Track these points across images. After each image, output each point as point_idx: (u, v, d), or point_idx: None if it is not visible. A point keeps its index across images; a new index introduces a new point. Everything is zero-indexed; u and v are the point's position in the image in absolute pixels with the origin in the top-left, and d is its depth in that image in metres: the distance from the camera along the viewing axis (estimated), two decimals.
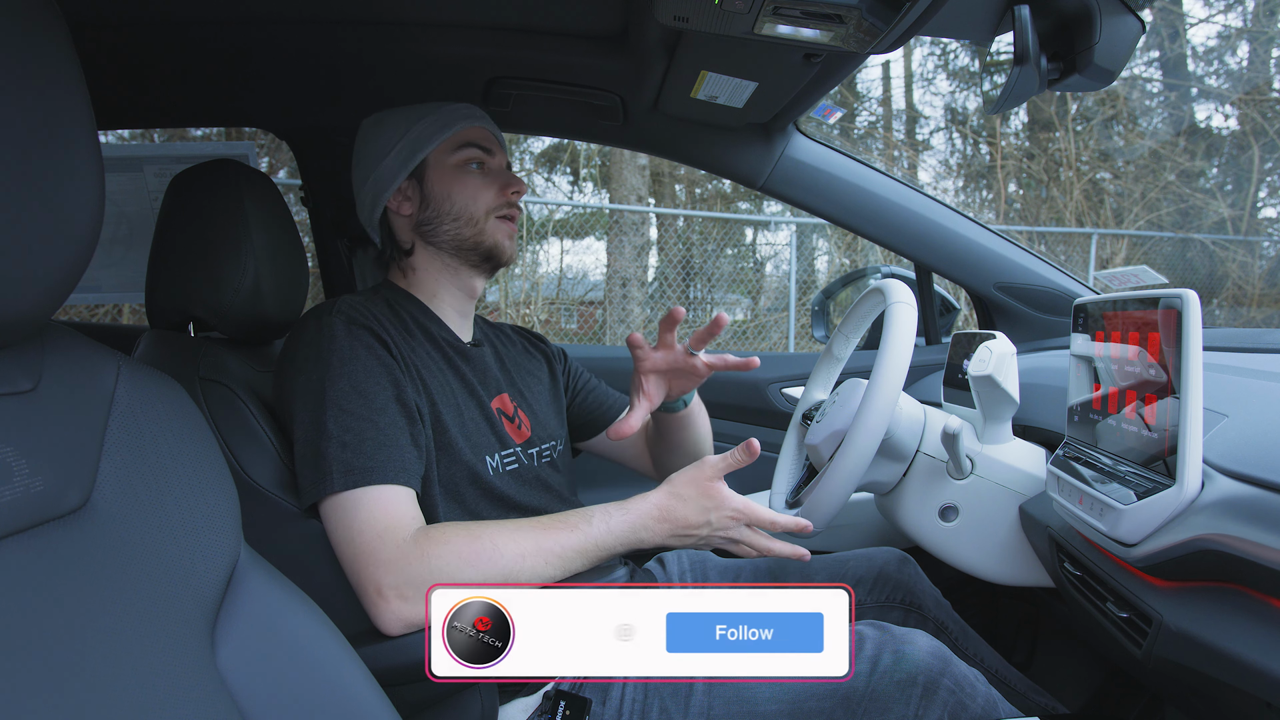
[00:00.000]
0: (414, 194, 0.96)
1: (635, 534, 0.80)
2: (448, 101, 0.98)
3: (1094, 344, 0.79)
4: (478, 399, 0.93)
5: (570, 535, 0.79)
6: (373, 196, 0.97)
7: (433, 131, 0.95)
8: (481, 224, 0.96)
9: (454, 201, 0.95)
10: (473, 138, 0.97)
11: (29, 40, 0.41)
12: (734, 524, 0.82)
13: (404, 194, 0.96)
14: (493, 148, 0.98)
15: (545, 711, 0.83)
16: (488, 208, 0.96)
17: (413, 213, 0.96)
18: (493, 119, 1.02)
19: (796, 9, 0.79)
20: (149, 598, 0.45)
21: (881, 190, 1.38)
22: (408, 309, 0.95)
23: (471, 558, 0.74)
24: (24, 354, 0.45)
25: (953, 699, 0.78)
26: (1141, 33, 0.76)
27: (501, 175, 0.98)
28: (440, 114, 0.96)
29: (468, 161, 0.96)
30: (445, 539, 0.74)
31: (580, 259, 7.19)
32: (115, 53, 1.10)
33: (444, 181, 0.95)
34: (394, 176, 0.96)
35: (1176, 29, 6.90)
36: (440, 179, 0.95)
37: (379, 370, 0.81)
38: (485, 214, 0.96)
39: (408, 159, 0.95)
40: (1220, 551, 0.56)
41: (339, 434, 0.77)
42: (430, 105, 0.98)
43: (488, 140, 0.98)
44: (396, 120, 0.97)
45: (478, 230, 0.96)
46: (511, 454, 0.93)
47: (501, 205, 0.97)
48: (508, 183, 0.97)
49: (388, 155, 0.96)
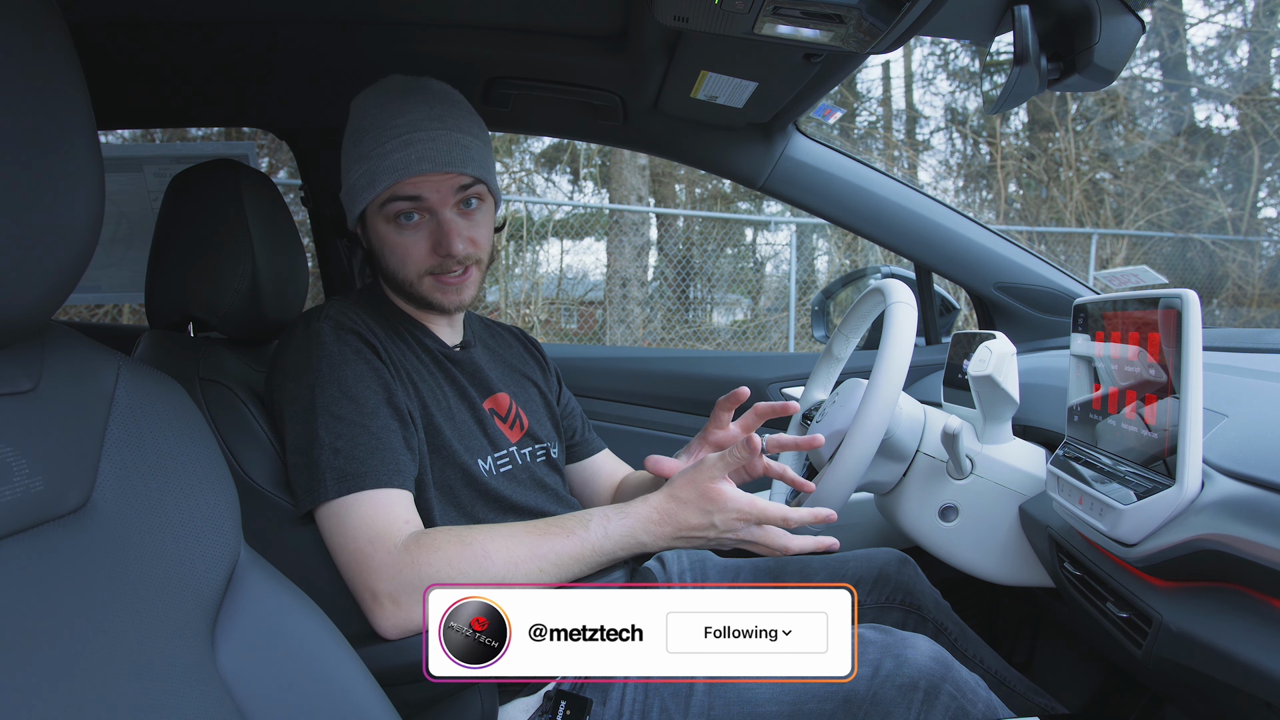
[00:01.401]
0: (363, 234, 0.93)
1: (634, 537, 0.79)
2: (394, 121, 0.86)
3: (1094, 344, 0.79)
4: (469, 401, 0.93)
5: (566, 541, 0.77)
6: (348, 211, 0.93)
7: (362, 186, 0.87)
8: (416, 283, 0.89)
9: (386, 261, 0.90)
10: (400, 191, 0.85)
11: (29, 40, 0.41)
12: (743, 525, 0.78)
13: (360, 233, 0.93)
14: (422, 195, 0.85)
15: (546, 711, 0.83)
16: (418, 271, 0.88)
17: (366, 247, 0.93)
18: (493, 119, 1.00)
19: (796, 9, 0.79)
20: (149, 598, 0.45)
21: (881, 190, 1.38)
22: (395, 314, 0.94)
23: (463, 566, 0.73)
24: (24, 354, 0.45)
25: (954, 704, 0.78)
26: (1141, 33, 0.76)
27: (434, 232, 0.87)
28: (371, 161, 0.86)
29: (397, 215, 0.86)
30: (436, 546, 0.74)
31: (580, 259, 7.20)
32: (115, 53, 1.10)
33: (377, 238, 0.89)
34: (348, 216, 0.92)
35: (1176, 29, 6.90)
36: (375, 234, 0.90)
37: (369, 374, 0.81)
38: (418, 276, 0.89)
39: (351, 207, 0.91)
40: (1220, 551, 0.56)
41: (331, 440, 0.77)
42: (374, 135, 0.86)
43: (420, 188, 0.85)
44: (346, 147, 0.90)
45: (416, 291, 0.90)
46: (505, 455, 0.93)
47: (432, 265, 0.88)
48: (438, 241, 0.87)
49: (342, 190, 0.92)
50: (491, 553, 0.74)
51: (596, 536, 0.78)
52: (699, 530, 0.79)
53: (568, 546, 0.77)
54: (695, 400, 1.56)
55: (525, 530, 0.78)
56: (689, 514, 0.79)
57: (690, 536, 0.79)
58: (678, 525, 0.79)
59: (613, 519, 0.79)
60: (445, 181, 0.87)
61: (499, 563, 0.74)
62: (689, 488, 0.79)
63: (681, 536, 0.79)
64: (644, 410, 1.58)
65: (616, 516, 0.79)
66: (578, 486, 1.13)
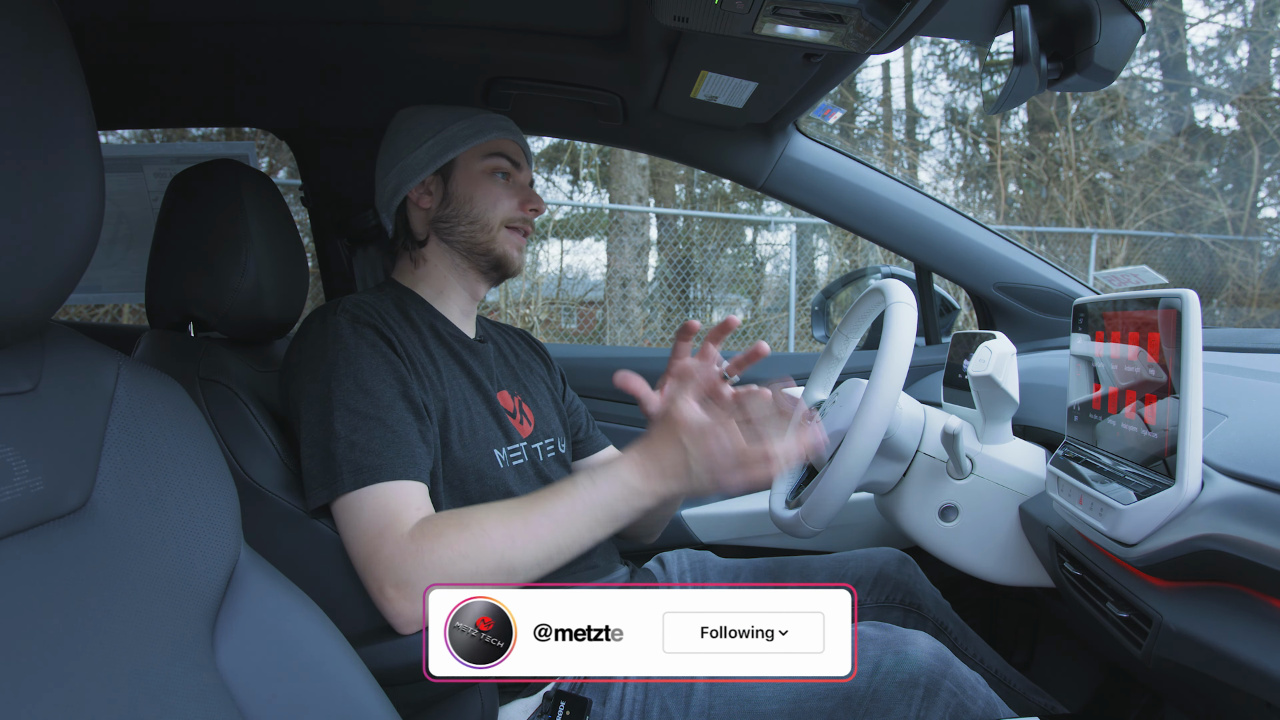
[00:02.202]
0: (437, 189, 0.98)
1: (622, 482, 0.77)
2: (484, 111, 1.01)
3: (1094, 344, 0.79)
4: (485, 393, 0.93)
5: (556, 501, 0.77)
6: (395, 184, 0.98)
7: (467, 134, 0.98)
8: (495, 231, 0.98)
9: (474, 204, 0.97)
10: (504, 149, 0.99)
11: (29, 40, 0.41)
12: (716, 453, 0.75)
13: (427, 188, 0.98)
14: (520, 162, 1.01)
15: (545, 712, 0.83)
16: (504, 217, 0.98)
17: (431, 207, 0.98)
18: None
19: (796, 9, 0.79)
20: (149, 598, 0.45)
21: (881, 190, 1.38)
22: (414, 306, 0.95)
23: (464, 547, 0.73)
24: (24, 354, 0.45)
25: (954, 701, 0.78)
26: (1141, 33, 0.76)
27: (524, 190, 1.01)
28: (476, 119, 0.99)
29: (495, 170, 0.98)
30: (438, 533, 0.74)
31: (580, 259, 7.19)
32: (115, 53, 1.10)
33: (468, 183, 0.97)
34: (421, 169, 0.97)
35: (1176, 29, 6.90)
36: (465, 180, 0.97)
37: (384, 368, 0.81)
38: (500, 223, 0.98)
39: (438, 155, 0.97)
40: (1220, 551, 0.56)
41: (347, 434, 0.77)
42: (467, 109, 1.00)
43: (517, 154, 1.01)
44: (432, 116, 0.99)
45: (490, 237, 0.98)
46: (518, 449, 0.94)
47: (517, 218, 0.99)
48: (528, 198, 1.00)
49: (418, 148, 0.97)
50: (489, 528, 0.74)
51: (584, 489, 0.77)
52: (679, 464, 0.77)
53: (559, 505, 0.76)
54: None
55: (518, 502, 0.78)
56: (664, 448, 0.77)
57: (675, 473, 0.77)
58: (659, 463, 0.77)
59: (599, 472, 0.79)
60: (528, 165, 1.04)
61: (497, 537, 0.74)
62: (658, 423, 0.79)
63: (666, 474, 0.77)
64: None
65: (602, 470, 0.79)
66: None
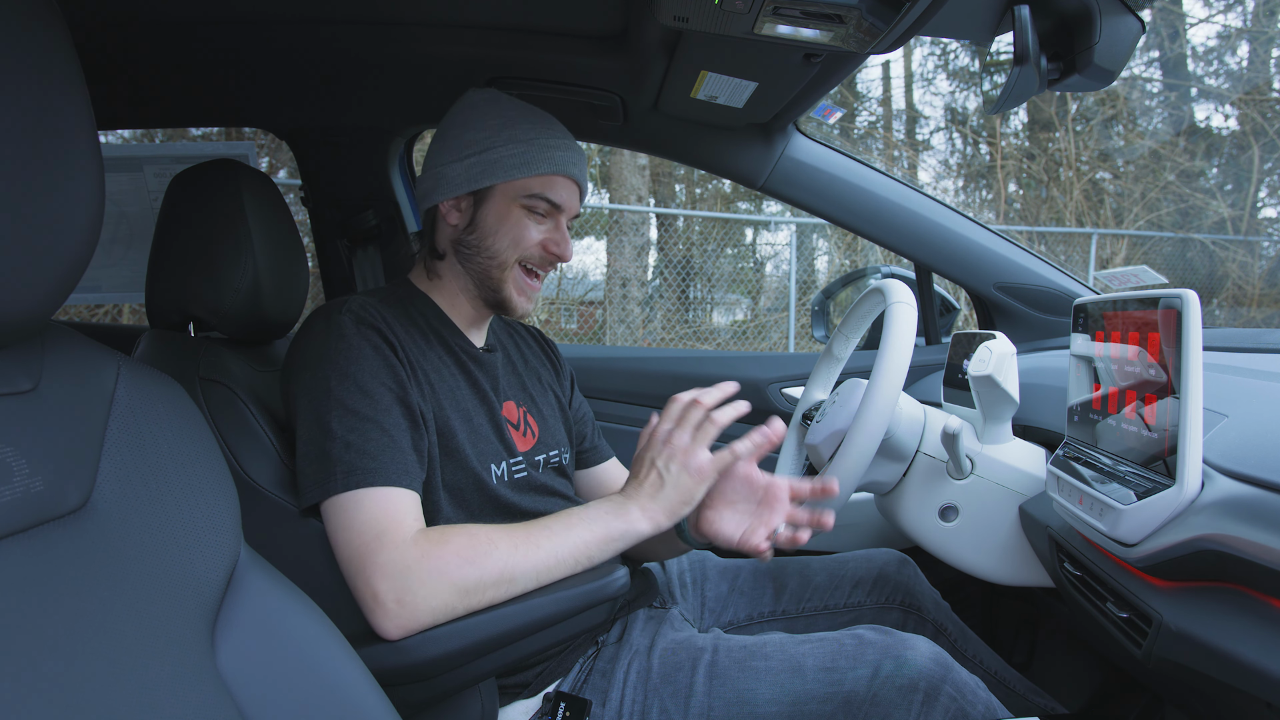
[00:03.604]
0: (467, 210, 0.92)
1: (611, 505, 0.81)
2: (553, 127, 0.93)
3: (1094, 344, 0.79)
4: (488, 405, 0.92)
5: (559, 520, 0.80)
6: (430, 187, 0.93)
7: (513, 164, 0.90)
8: (507, 270, 0.92)
9: (497, 240, 0.91)
10: (549, 190, 0.91)
11: (29, 40, 0.41)
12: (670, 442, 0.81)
13: (457, 204, 0.92)
14: (564, 203, 0.93)
15: (545, 713, 0.83)
16: (519, 254, 0.91)
17: (458, 225, 0.93)
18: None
19: (796, 9, 0.79)
20: (149, 598, 0.45)
21: (881, 190, 1.38)
22: (423, 312, 0.93)
23: (470, 554, 0.73)
24: (24, 354, 0.45)
25: (954, 706, 0.78)
26: (1141, 33, 0.76)
27: (554, 232, 0.93)
28: (530, 146, 0.90)
29: (531, 209, 0.91)
30: (445, 539, 0.74)
31: (580, 259, 7.19)
32: (115, 53, 1.10)
33: (498, 216, 0.91)
34: (455, 186, 0.91)
35: (1176, 29, 6.90)
36: (496, 212, 0.91)
37: (385, 371, 0.81)
38: (514, 260, 0.92)
39: (476, 177, 0.90)
40: (1220, 551, 0.56)
41: (343, 434, 0.77)
42: (528, 125, 0.91)
43: (565, 194, 0.93)
44: (487, 124, 0.91)
45: (502, 276, 0.92)
46: (519, 462, 0.93)
47: (535, 258, 0.92)
48: (554, 240, 0.93)
49: (460, 160, 0.91)
50: (494, 537, 0.76)
51: (579, 509, 0.81)
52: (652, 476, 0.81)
53: (554, 518, 0.80)
54: None
55: (524, 526, 0.79)
56: (638, 468, 0.83)
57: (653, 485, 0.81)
58: (637, 480, 0.82)
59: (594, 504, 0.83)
60: (576, 194, 0.96)
61: (502, 546, 0.75)
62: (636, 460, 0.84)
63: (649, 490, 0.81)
64: (644, 410, 1.58)
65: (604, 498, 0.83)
66: (585, 493, 1.13)
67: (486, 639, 0.74)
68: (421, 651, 0.72)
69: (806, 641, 0.84)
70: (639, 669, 0.84)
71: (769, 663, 0.82)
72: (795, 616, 1.07)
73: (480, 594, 0.73)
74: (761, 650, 0.84)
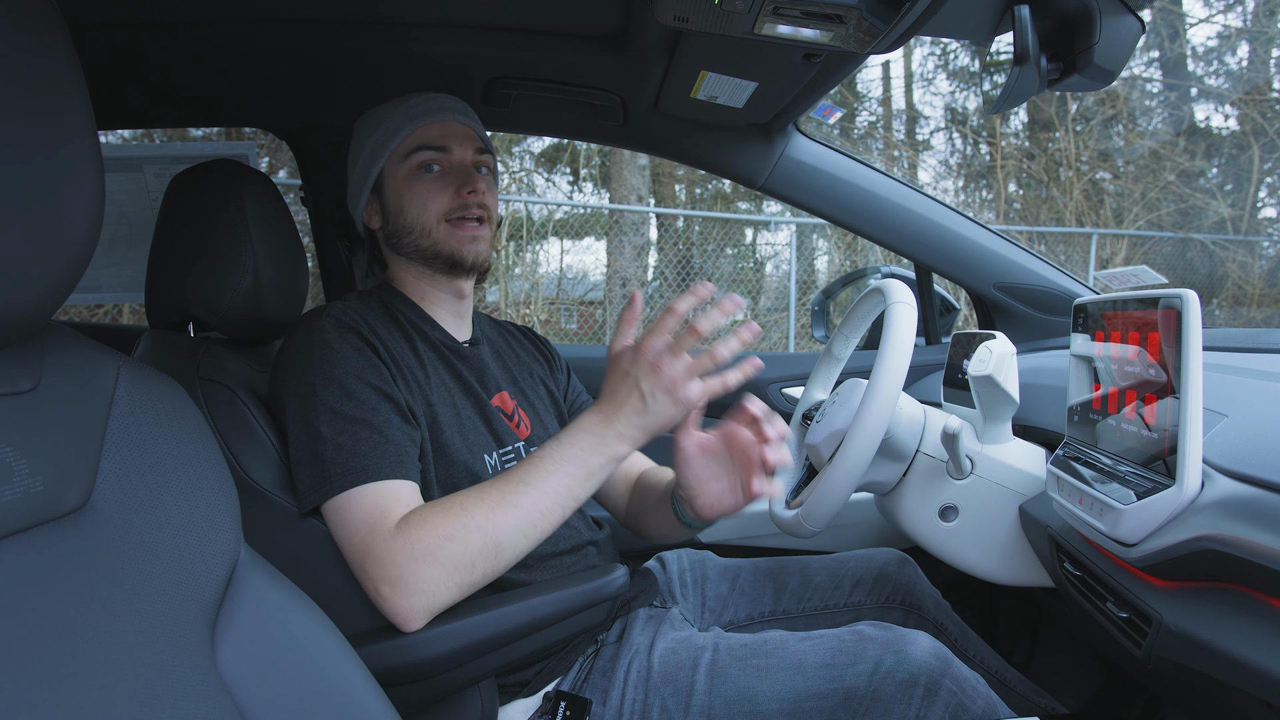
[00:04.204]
0: (377, 207, 0.96)
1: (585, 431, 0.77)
2: (410, 95, 0.94)
3: (1094, 344, 0.79)
4: (475, 398, 0.93)
5: (524, 466, 0.77)
6: (353, 212, 0.99)
7: (384, 140, 0.92)
8: (434, 232, 0.92)
9: (406, 214, 0.92)
10: (423, 139, 0.92)
11: (29, 40, 0.41)
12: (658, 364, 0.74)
13: (371, 208, 0.96)
14: (448, 144, 0.92)
15: (545, 712, 0.83)
16: (438, 213, 0.92)
17: (380, 226, 0.97)
18: (493, 119, 1.01)
19: (796, 9, 0.79)
20: (149, 598, 0.45)
21: (881, 190, 1.38)
22: (403, 311, 0.94)
23: (448, 530, 0.73)
24: (24, 354, 0.45)
25: (954, 700, 0.78)
26: (1141, 33, 0.76)
27: (456, 176, 0.92)
28: (392, 118, 0.92)
29: (420, 166, 0.92)
30: (422, 521, 0.74)
31: (580, 259, 7.20)
32: (115, 53, 1.10)
33: (397, 193, 0.93)
34: (360, 192, 0.96)
35: (1176, 29, 6.90)
36: (394, 191, 0.93)
37: (369, 371, 0.81)
38: (436, 221, 0.92)
39: (366, 174, 0.94)
40: (1220, 551, 0.56)
41: (333, 437, 0.77)
42: (391, 104, 0.94)
43: (442, 137, 0.92)
44: (364, 128, 0.96)
45: (432, 240, 0.92)
46: (510, 451, 0.93)
47: (455, 209, 0.92)
48: (463, 182, 0.92)
49: (354, 172, 0.96)
50: (469, 506, 0.75)
51: (550, 449, 0.77)
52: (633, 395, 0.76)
53: (531, 470, 0.76)
54: None
55: (494, 479, 0.78)
56: (616, 383, 0.77)
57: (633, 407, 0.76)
58: (614, 400, 0.77)
59: (563, 430, 0.79)
60: (464, 134, 0.94)
61: (478, 513, 0.74)
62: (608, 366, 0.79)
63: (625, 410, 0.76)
64: None
65: (566, 427, 0.79)
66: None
67: (486, 638, 0.75)
68: (421, 651, 0.72)
69: (807, 639, 0.84)
70: (639, 668, 0.84)
71: (770, 660, 0.82)
72: (796, 616, 1.07)
73: (473, 567, 0.73)
74: (762, 648, 0.84)
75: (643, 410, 0.76)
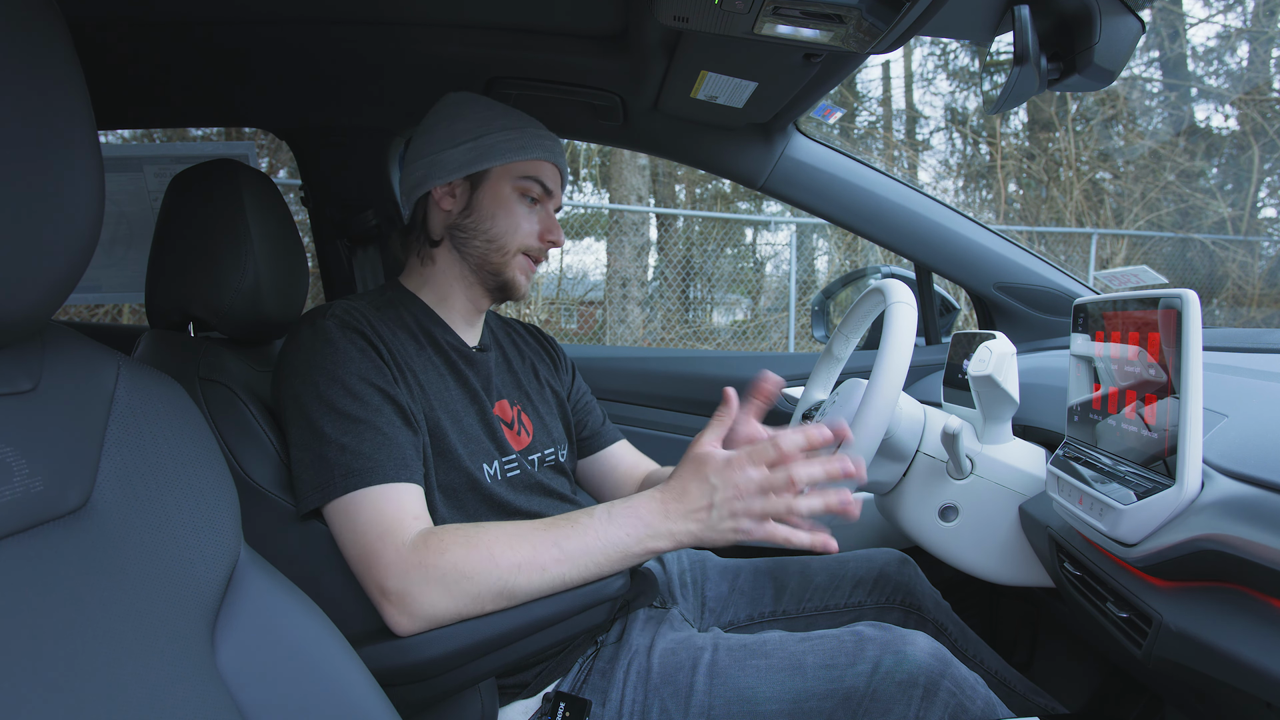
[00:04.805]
0: (462, 194, 0.95)
1: (641, 519, 0.75)
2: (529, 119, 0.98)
3: (1094, 344, 0.79)
4: (479, 405, 0.92)
5: (570, 530, 0.75)
6: (422, 175, 0.95)
7: (507, 148, 0.94)
8: (509, 256, 0.95)
9: (495, 223, 0.94)
10: (541, 174, 0.96)
11: (29, 40, 0.41)
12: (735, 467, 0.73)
13: (452, 190, 0.95)
14: (554, 190, 0.98)
15: (545, 713, 0.83)
16: (521, 243, 0.95)
17: (453, 210, 0.95)
18: None
19: (796, 9, 0.79)
20: (149, 598, 0.45)
21: (881, 190, 1.38)
22: (413, 313, 0.94)
23: (468, 569, 0.73)
24: (24, 354, 0.45)
25: (953, 701, 0.78)
26: (1141, 33, 0.76)
27: (548, 219, 0.98)
28: (523, 133, 0.95)
29: (525, 192, 0.95)
30: (443, 548, 0.73)
31: (580, 259, 7.20)
32: (115, 53, 1.10)
33: (495, 200, 0.94)
34: (451, 170, 0.94)
35: (1176, 29, 6.91)
36: (493, 196, 0.94)
37: (372, 372, 0.81)
38: (516, 249, 0.95)
39: (472, 161, 0.94)
40: (1220, 551, 0.56)
41: (337, 437, 0.77)
42: (516, 116, 0.97)
43: (553, 180, 0.98)
44: (477, 116, 0.95)
45: (504, 260, 0.95)
46: (512, 460, 0.93)
47: (535, 247, 0.97)
48: (550, 229, 0.97)
49: (455, 147, 0.94)
50: (496, 553, 0.74)
51: (600, 524, 0.76)
52: (702, 502, 0.74)
53: (571, 538, 0.75)
54: (695, 400, 1.56)
55: (530, 528, 0.76)
56: (690, 483, 0.75)
57: (696, 513, 0.74)
58: (682, 501, 0.75)
59: (617, 506, 0.77)
60: (560, 183, 1.00)
61: (503, 564, 0.74)
62: (686, 463, 0.77)
63: (688, 513, 0.75)
64: (644, 410, 1.58)
65: (621, 504, 0.77)
66: (595, 479, 1.13)
67: (486, 639, 0.74)
68: (421, 651, 0.72)
69: (806, 639, 0.84)
70: (639, 669, 0.84)
71: (769, 661, 0.82)
72: (795, 617, 1.07)
73: (481, 607, 0.73)
74: (762, 649, 0.84)
75: (704, 521, 0.74)
